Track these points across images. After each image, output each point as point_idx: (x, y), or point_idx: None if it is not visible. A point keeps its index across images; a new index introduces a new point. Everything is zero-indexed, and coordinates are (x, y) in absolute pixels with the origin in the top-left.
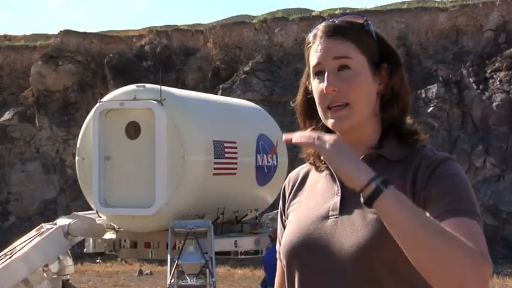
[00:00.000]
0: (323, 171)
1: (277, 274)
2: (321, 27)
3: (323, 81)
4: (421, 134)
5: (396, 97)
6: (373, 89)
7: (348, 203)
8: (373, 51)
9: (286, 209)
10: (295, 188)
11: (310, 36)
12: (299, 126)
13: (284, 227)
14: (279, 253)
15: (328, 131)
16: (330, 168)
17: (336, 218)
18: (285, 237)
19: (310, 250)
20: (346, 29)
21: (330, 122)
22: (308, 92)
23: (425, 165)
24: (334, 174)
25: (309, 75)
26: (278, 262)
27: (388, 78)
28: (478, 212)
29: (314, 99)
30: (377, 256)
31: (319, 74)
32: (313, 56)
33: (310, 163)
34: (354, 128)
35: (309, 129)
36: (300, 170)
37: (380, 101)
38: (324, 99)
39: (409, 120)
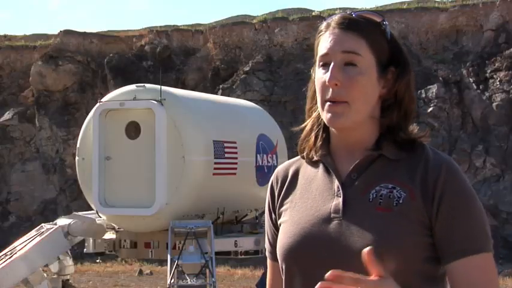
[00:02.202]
0: (318, 166)
1: (269, 273)
2: (336, 18)
3: (327, 71)
4: (420, 138)
5: (399, 103)
6: (376, 91)
7: (351, 204)
8: (384, 53)
9: (277, 207)
10: (286, 185)
11: (323, 25)
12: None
13: (274, 226)
14: (270, 253)
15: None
16: (327, 165)
17: (340, 220)
18: (283, 240)
19: (313, 254)
20: (361, 24)
21: (326, 116)
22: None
23: (433, 172)
24: (332, 173)
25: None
26: (269, 261)
27: (393, 83)
28: (490, 236)
29: None
30: (386, 260)
31: (324, 65)
32: (322, 45)
33: (303, 157)
34: (349, 127)
35: (311, 119)
36: (288, 166)
37: (381, 104)
38: (325, 92)
39: (412, 128)
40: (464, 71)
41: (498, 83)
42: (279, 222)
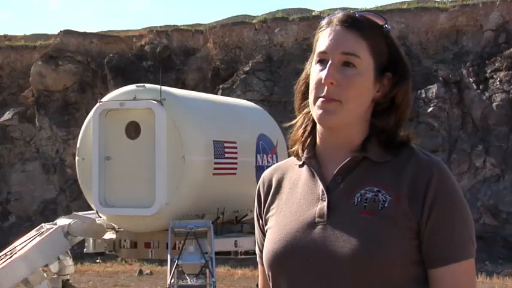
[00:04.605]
0: (303, 169)
1: (260, 278)
2: (339, 15)
3: (324, 69)
4: (411, 139)
5: (395, 109)
6: (370, 94)
7: (335, 208)
8: (383, 57)
9: (263, 213)
10: (272, 190)
11: (325, 21)
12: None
13: (262, 232)
14: (260, 258)
15: (315, 122)
16: (311, 168)
17: (324, 224)
18: (268, 246)
19: (298, 259)
20: (363, 25)
21: (316, 113)
22: (308, 77)
23: (424, 175)
24: (317, 176)
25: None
26: (260, 266)
27: (388, 88)
28: (474, 242)
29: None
30: (372, 265)
31: (321, 62)
32: (322, 42)
33: (296, 156)
34: (338, 126)
35: (302, 114)
36: (273, 171)
37: (374, 107)
38: (319, 89)
39: (402, 132)
40: (464, 71)
41: (498, 83)
42: (265, 228)
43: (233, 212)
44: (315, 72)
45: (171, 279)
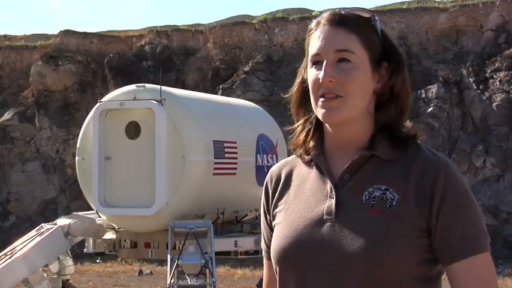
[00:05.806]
0: (311, 166)
1: (265, 272)
2: (325, 15)
3: (320, 70)
4: (418, 136)
5: (395, 98)
6: (370, 86)
7: (343, 205)
8: (376, 48)
9: (271, 209)
10: (280, 186)
11: (313, 23)
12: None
13: (269, 227)
14: (266, 252)
15: (319, 122)
16: (320, 165)
17: (332, 222)
18: (276, 242)
19: (306, 256)
20: (351, 20)
21: (320, 112)
22: (304, 82)
23: (431, 174)
24: (325, 173)
25: (307, 64)
26: (265, 260)
27: (387, 78)
28: (488, 235)
29: (309, 88)
30: (379, 263)
31: (317, 63)
32: (314, 44)
33: (298, 156)
34: (344, 121)
35: (301, 121)
36: (282, 166)
37: (376, 100)
38: (319, 88)
39: (407, 123)
40: (464, 71)
41: (498, 83)
42: (273, 224)
43: (233, 212)
44: (311, 74)
45: (171, 279)
